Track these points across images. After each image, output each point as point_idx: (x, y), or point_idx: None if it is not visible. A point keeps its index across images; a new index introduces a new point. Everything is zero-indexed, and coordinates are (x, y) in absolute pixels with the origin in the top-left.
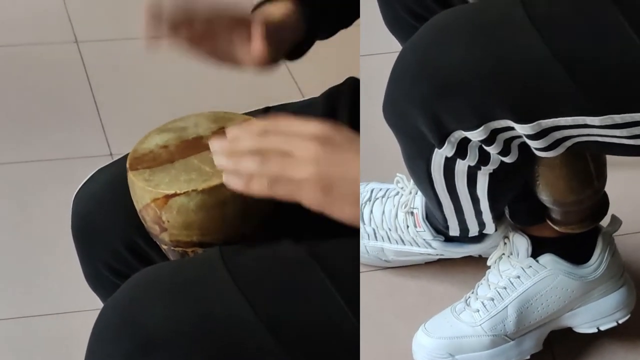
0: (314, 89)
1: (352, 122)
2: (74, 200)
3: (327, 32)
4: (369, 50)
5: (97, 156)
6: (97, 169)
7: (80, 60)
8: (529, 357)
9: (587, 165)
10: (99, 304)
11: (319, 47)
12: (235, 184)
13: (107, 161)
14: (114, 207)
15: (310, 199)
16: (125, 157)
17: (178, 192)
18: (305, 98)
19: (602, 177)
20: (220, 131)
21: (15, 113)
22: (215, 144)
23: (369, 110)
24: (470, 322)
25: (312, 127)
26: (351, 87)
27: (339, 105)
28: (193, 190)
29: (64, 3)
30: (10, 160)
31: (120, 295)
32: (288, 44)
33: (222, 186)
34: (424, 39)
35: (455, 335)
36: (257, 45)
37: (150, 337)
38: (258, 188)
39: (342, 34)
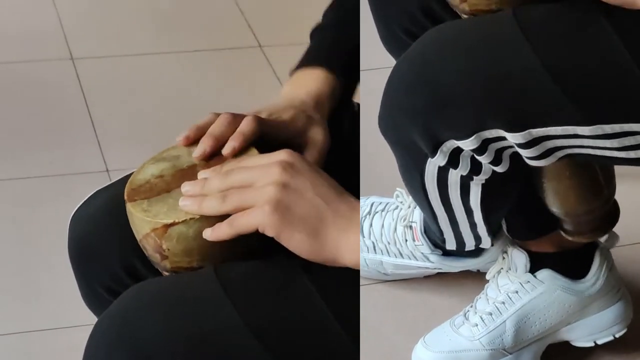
0: None
1: (352, 138)
2: (70, 223)
3: (354, 88)
4: (368, 65)
5: (93, 172)
6: (93, 191)
7: (75, 76)
8: None
9: (595, 174)
10: (95, 319)
11: None
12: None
13: (104, 177)
14: (111, 230)
15: (267, 221)
16: (122, 179)
17: (177, 220)
18: None
19: (611, 185)
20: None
21: (11, 129)
22: (185, 187)
23: (369, 126)
24: (469, 336)
25: (279, 155)
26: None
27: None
28: (191, 219)
29: (59, 20)
30: (6, 177)
31: (115, 308)
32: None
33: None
34: (418, 52)
35: (454, 349)
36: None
37: (145, 350)
38: (223, 229)
39: None
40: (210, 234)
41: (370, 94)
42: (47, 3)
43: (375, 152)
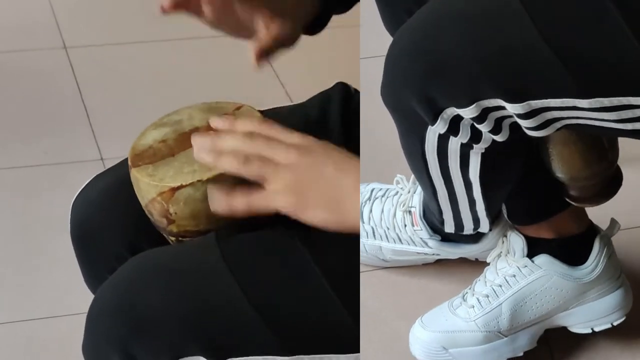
0: (312, 93)
1: (344, 127)
2: (72, 208)
3: (343, 6)
4: (369, 52)
5: (88, 161)
6: (92, 176)
7: (69, 65)
8: (522, 354)
9: (599, 138)
10: None
11: (318, 50)
12: (218, 204)
13: (98, 165)
14: (114, 212)
15: (285, 205)
16: (121, 163)
17: (184, 184)
18: (295, 103)
19: (614, 149)
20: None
21: (5, 119)
22: (197, 140)
23: (370, 113)
24: (465, 318)
25: (295, 137)
26: (341, 92)
27: (330, 111)
28: (198, 181)
29: (52, 9)
30: (0, 167)
31: (117, 277)
32: (306, 19)
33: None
34: (419, 21)
35: (449, 329)
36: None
37: (146, 318)
38: (239, 205)
39: (341, 37)
40: (224, 206)
41: (370, 82)
42: None
43: (376, 139)
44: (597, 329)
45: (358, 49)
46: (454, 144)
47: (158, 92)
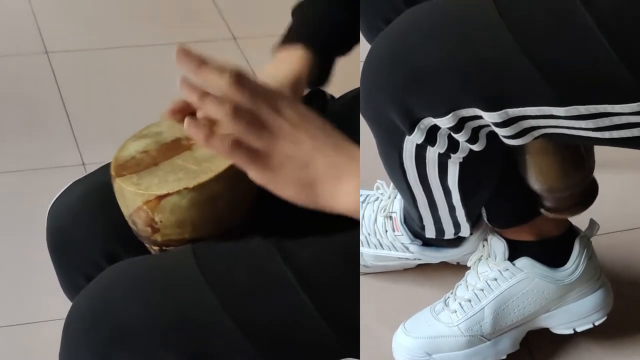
0: None
1: None
2: (48, 214)
3: (333, 65)
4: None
5: (70, 166)
6: (70, 182)
7: (50, 70)
8: (505, 357)
9: (577, 147)
10: None
11: None
12: (196, 134)
13: (79, 170)
14: (91, 219)
15: (263, 180)
16: (98, 170)
17: (170, 191)
18: None
19: (591, 159)
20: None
21: None
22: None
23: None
24: (448, 323)
25: (280, 101)
26: (318, 99)
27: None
28: (185, 189)
29: (34, 14)
30: None
31: (94, 288)
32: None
33: (212, 182)
34: (396, 30)
35: (433, 335)
36: None
37: (122, 328)
38: (218, 145)
39: None
40: (204, 137)
41: None
42: None
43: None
44: (578, 330)
45: (358, 52)
46: (432, 154)
47: (139, 97)
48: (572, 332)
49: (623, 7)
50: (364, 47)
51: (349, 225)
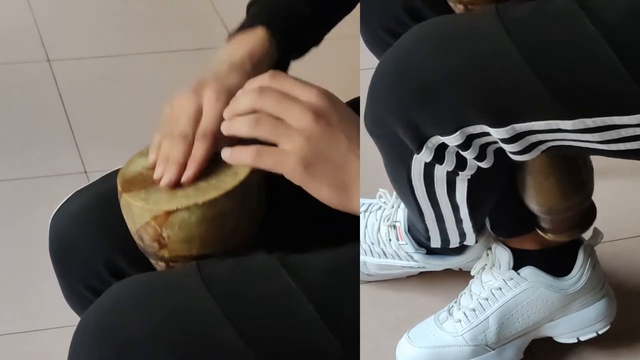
0: None
1: None
2: (51, 223)
3: (299, 53)
4: (369, 64)
5: (71, 174)
6: (72, 190)
7: (52, 78)
8: None
9: (578, 170)
10: (76, 320)
11: (318, 62)
12: (224, 152)
13: (82, 178)
14: (94, 228)
15: (292, 172)
16: (101, 179)
17: (179, 207)
18: None
19: (591, 182)
20: None
21: None
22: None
23: None
24: (452, 332)
25: (312, 96)
26: None
27: None
28: (194, 205)
29: (35, 22)
30: None
31: (102, 304)
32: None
33: (221, 199)
34: (402, 48)
35: (437, 344)
36: None
37: (129, 342)
38: (245, 157)
39: (341, 48)
40: (230, 154)
41: None
42: (23, 4)
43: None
44: (582, 338)
45: (358, 60)
46: (440, 171)
47: (141, 105)
48: (576, 340)
49: (629, 19)
50: (363, 55)
51: (350, 239)
